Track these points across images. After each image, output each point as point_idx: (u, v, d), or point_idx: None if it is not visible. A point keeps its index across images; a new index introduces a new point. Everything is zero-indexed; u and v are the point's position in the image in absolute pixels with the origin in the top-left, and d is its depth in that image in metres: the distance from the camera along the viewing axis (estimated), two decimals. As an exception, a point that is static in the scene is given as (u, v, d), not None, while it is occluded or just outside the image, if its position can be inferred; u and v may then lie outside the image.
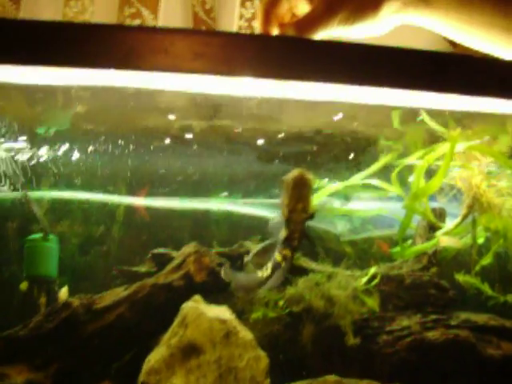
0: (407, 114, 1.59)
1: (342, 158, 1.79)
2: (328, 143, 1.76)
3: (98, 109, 1.51)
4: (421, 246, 1.69)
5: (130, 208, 1.81)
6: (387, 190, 1.72)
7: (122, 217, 1.81)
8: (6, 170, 1.65)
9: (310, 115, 1.62)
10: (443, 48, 1.66)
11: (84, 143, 1.67)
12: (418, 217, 1.77)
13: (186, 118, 1.60)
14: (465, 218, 1.67)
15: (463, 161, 1.62)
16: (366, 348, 1.47)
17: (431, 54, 0.93)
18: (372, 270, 1.58)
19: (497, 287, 1.61)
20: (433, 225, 1.72)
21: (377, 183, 1.70)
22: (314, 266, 1.60)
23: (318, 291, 1.51)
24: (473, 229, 1.64)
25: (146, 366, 1.27)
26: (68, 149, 1.69)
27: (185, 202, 1.82)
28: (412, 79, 0.93)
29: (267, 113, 1.60)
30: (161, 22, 2.24)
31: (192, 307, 1.30)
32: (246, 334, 1.30)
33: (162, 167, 1.79)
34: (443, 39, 1.19)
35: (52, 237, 1.64)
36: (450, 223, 1.74)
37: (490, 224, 1.59)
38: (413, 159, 1.65)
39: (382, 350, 1.46)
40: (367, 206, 1.86)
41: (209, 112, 1.54)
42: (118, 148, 1.67)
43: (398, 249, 1.73)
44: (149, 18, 2.24)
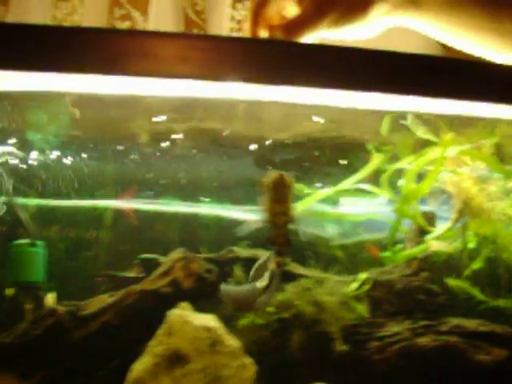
0: (398, 118, 1.59)
1: (331, 162, 1.78)
2: (318, 148, 1.75)
3: (83, 114, 1.49)
4: (411, 250, 1.68)
5: (117, 212, 1.80)
6: (377, 194, 1.71)
7: (109, 221, 1.79)
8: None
9: (300, 120, 1.61)
10: (436, 51, 1.66)
11: (70, 148, 1.65)
12: (409, 221, 1.76)
13: (172, 121, 1.58)
14: (455, 222, 1.66)
15: (453, 165, 1.61)
16: (355, 354, 1.46)
17: (421, 58, 0.92)
18: (362, 275, 1.57)
19: (487, 292, 1.61)
20: (423, 229, 1.71)
21: (367, 188, 1.69)
22: (303, 271, 1.59)
23: (308, 297, 1.50)
24: (463, 233, 1.63)
25: (130, 374, 1.25)
26: (54, 154, 1.67)
27: (173, 207, 1.80)
28: (402, 83, 0.92)
29: (256, 117, 1.59)
30: (151, 24, 2.23)
31: (178, 315, 1.28)
32: (233, 343, 1.29)
33: (149, 172, 1.77)
34: (436, 42, 1.19)
35: (39, 242, 1.62)
36: (441, 227, 1.73)
37: (479, 229, 1.59)
38: (403, 164, 1.64)
39: (372, 356, 1.45)
40: (358, 210, 1.85)
41: (196, 116, 1.53)
42: (105, 153, 1.66)
43: (388, 253, 1.72)
44: (139, 20, 2.23)
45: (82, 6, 2.21)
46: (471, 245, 1.66)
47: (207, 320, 1.30)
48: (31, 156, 1.67)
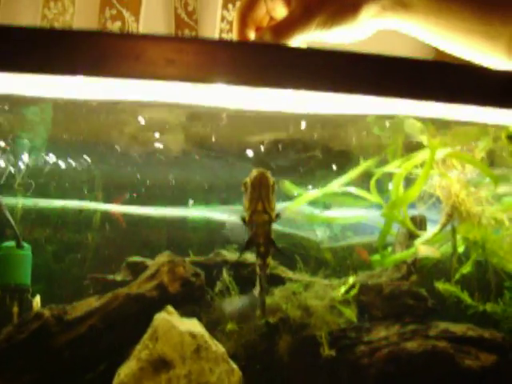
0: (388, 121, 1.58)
1: (321, 166, 1.77)
2: (306, 151, 1.75)
3: (69, 117, 1.48)
4: (400, 254, 1.67)
5: (106, 215, 1.79)
6: (366, 198, 1.71)
7: (97, 224, 1.78)
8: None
9: (288, 123, 1.60)
10: (428, 54, 1.66)
11: (57, 151, 1.65)
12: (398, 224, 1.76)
13: (161, 125, 1.58)
14: (444, 226, 1.66)
15: (442, 169, 1.61)
16: (343, 359, 1.45)
17: (411, 61, 0.92)
18: (351, 279, 1.56)
19: (476, 296, 1.60)
20: (412, 232, 1.71)
21: (355, 191, 1.69)
22: (291, 275, 1.58)
23: (296, 301, 1.49)
24: (452, 237, 1.63)
25: (116, 379, 1.24)
26: (41, 157, 1.66)
27: (161, 210, 1.79)
28: (391, 86, 0.91)
29: (244, 120, 1.58)
30: (142, 24, 2.22)
31: (163, 320, 1.27)
32: (218, 348, 1.28)
33: (137, 174, 1.77)
34: (428, 45, 1.18)
35: (25, 245, 1.61)
36: (430, 231, 1.73)
37: (468, 233, 1.58)
38: (392, 167, 1.63)
39: (360, 360, 1.44)
40: (347, 213, 1.84)
41: (185, 119, 1.53)
42: (93, 156, 1.65)
43: (377, 257, 1.72)
44: (130, 20, 2.22)
45: (73, 6, 2.20)
46: (460, 249, 1.66)
47: (192, 325, 1.29)
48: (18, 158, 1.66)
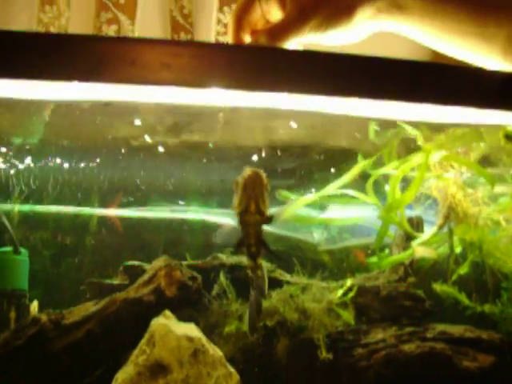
0: (383, 124, 1.58)
1: (319, 168, 1.78)
2: (305, 154, 1.75)
3: (65, 122, 1.48)
4: (397, 256, 1.67)
5: (102, 219, 1.79)
6: (363, 200, 1.70)
7: (94, 228, 1.78)
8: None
9: (286, 125, 1.60)
10: (425, 56, 1.66)
11: (54, 156, 1.64)
12: (395, 226, 1.76)
13: (156, 129, 1.58)
14: (441, 228, 1.66)
15: (439, 171, 1.61)
16: (340, 361, 1.45)
17: (407, 63, 0.92)
18: (348, 281, 1.56)
19: (474, 297, 1.60)
20: (409, 234, 1.71)
21: (352, 193, 1.68)
22: (288, 277, 1.58)
23: (293, 304, 1.49)
24: (449, 239, 1.63)
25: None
26: (38, 161, 1.66)
27: (158, 213, 1.79)
28: (388, 89, 0.91)
29: (242, 123, 1.58)
30: (138, 28, 2.22)
31: (160, 324, 1.27)
32: (216, 352, 1.28)
33: (134, 178, 1.76)
34: (424, 47, 1.18)
35: (22, 250, 1.61)
36: (427, 232, 1.73)
37: (465, 234, 1.58)
38: (388, 169, 1.63)
39: (357, 363, 1.44)
40: (344, 215, 1.84)
41: (181, 123, 1.52)
42: (89, 160, 1.65)
43: (374, 259, 1.72)
44: (126, 24, 2.22)
45: (69, 10, 2.20)
46: (457, 250, 1.66)
47: (190, 329, 1.29)
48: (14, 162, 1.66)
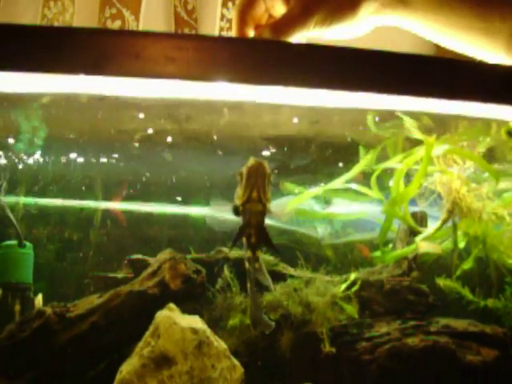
0: (387, 117, 1.58)
1: (321, 162, 1.77)
2: (308, 147, 1.75)
3: (69, 115, 1.49)
4: (401, 250, 1.67)
5: (106, 213, 1.79)
6: (367, 195, 1.71)
7: (98, 222, 1.79)
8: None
9: (290, 119, 1.60)
10: (428, 50, 1.66)
11: (58, 149, 1.65)
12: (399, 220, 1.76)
13: (160, 122, 1.58)
14: (444, 222, 1.66)
15: (443, 165, 1.61)
16: (344, 355, 1.46)
17: (412, 57, 0.92)
18: (352, 275, 1.57)
19: (477, 292, 1.61)
20: (413, 229, 1.71)
21: (356, 187, 1.69)
22: (292, 271, 1.59)
23: (297, 298, 1.49)
24: (453, 233, 1.63)
25: (118, 376, 1.25)
26: (43, 155, 1.66)
27: (162, 207, 1.80)
28: (393, 82, 0.92)
29: (246, 117, 1.58)
30: (142, 23, 2.22)
31: (165, 316, 1.28)
32: (220, 344, 1.28)
33: (138, 172, 1.77)
34: (428, 42, 1.18)
35: (27, 243, 1.61)
36: (431, 227, 1.73)
37: (469, 229, 1.58)
38: (392, 163, 1.63)
39: (361, 356, 1.44)
40: (348, 210, 1.84)
41: (184, 116, 1.53)
42: (93, 154, 1.65)
43: (378, 253, 1.72)
44: (130, 19, 2.22)
45: (73, 6, 2.20)
46: (461, 245, 1.66)
47: (194, 321, 1.29)
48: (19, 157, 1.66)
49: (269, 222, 1.25)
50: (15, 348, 1.40)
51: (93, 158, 1.69)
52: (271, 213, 1.19)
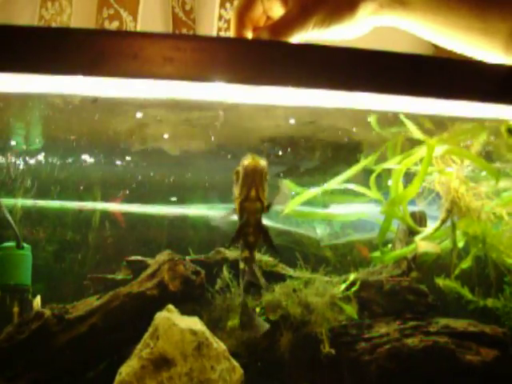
0: (386, 117, 1.58)
1: (320, 162, 1.77)
2: (307, 148, 1.75)
3: (67, 116, 1.48)
4: (400, 250, 1.67)
5: (105, 215, 1.79)
6: (366, 195, 1.70)
7: (97, 223, 1.79)
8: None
9: (288, 119, 1.60)
10: (426, 51, 1.65)
11: (57, 151, 1.65)
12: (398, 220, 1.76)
13: (159, 123, 1.57)
14: (444, 222, 1.66)
15: (441, 165, 1.61)
16: (344, 356, 1.45)
17: (409, 57, 0.92)
18: (351, 276, 1.56)
19: (476, 291, 1.61)
20: (412, 229, 1.70)
21: (355, 188, 1.68)
22: (291, 272, 1.59)
23: (296, 298, 1.49)
24: (452, 233, 1.63)
25: (117, 378, 1.24)
26: (41, 156, 1.66)
27: (161, 208, 1.79)
28: (390, 83, 0.91)
29: (244, 117, 1.58)
30: (140, 24, 2.21)
31: (164, 318, 1.27)
32: (219, 346, 1.28)
33: (137, 174, 1.76)
34: (426, 42, 1.18)
35: (25, 245, 1.61)
36: (430, 227, 1.73)
37: (468, 228, 1.58)
38: (391, 164, 1.63)
39: (360, 357, 1.44)
40: (347, 210, 1.84)
41: (183, 117, 1.52)
42: (91, 155, 1.65)
43: (377, 253, 1.72)
44: (127, 20, 2.22)
45: (70, 6, 2.19)
46: (460, 244, 1.66)
47: (193, 323, 1.29)
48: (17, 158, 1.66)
49: (269, 222, 1.24)
50: (14, 350, 1.40)
51: (91, 159, 1.69)
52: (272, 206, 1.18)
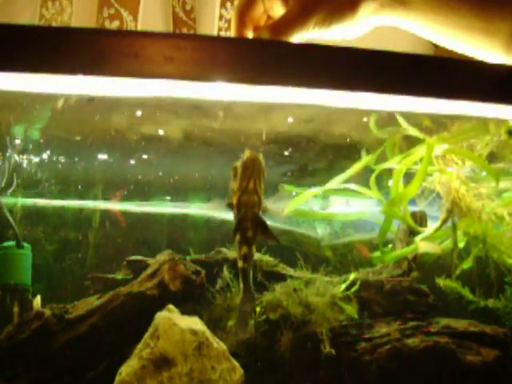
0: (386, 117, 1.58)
1: (320, 162, 1.77)
2: (308, 147, 1.75)
3: (68, 115, 1.48)
4: (401, 250, 1.67)
5: (105, 214, 1.79)
6: (366, 195, 1.70)
7: (97, 223, 1.78)
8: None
9: (288, 119, 1.60)
10: (427, 50, 1.65)
11: (57, 150, 1.64)
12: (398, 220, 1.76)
13: (160, 121, 1.57)
14: (444, 222, 1.65)
15: (442, 165, 1.61)
16: (344, 356, 1.45)
17: (409, 57, 0.92)
18: (351, 276, 1.56)
19: (477, 292, 1.60)
20: (413, 229, 1.70)
21: (355, 188, 1.68)
22: (292, 272, 1.58)
23: (296, 298, 1.49)
24: (453, 233, 1.62)
25: (117, 378, 1.24)
26: (41, 155, 1.66)
27: (162, 208, 1.79)
28: (390, 82, 0.91)
29: (246, 116, 1.58)
30: (140, 24, 2.21)
31: (164, 318, 1.27)
32: (219, 346, 1.28)
33: (137, 173, 1.76)
34: (427, 41, 1.18)
35: (25, 244, 1.61)
36: (430, 227, 1.73)
37: (469, 228, 1.58)
38: (392, 163, 1.63)
39: (361, 357, 1.44)
40: (348, 210, 1.84)
41: (186, 115, 1.52)
42: (92, 154, 1.65)
43: (377, 254, 1.72)
44: (128, 20, 2.22)
45: (71, 6, 2.19)
46: (461, 244, 1.66)
47: (193, 322, 1.29)
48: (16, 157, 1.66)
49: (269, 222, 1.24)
50: (14, 350, 1.39)
51: (91, 158, 1.69)
52: (268, 210, 1.18)
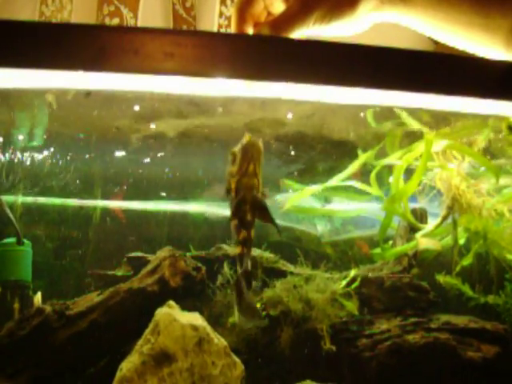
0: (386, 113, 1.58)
1: (320, 159, 1.77)
2: (307, 144, 1.75)
3: (68, 112, 1.48)
4: (401, 247, 1.67)
5: (105, 211, 1.79)
6: (367, 192, 1.70)
7: (97, 220, 1.79)
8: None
9: (288, 115, 1.60)
10: (427, 47, 1.65)
11: (57, 147, 1.64)
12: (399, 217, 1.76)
13: (160, 118, 1.57)
14: (445, 219, 1.65)
15: (442, 161, 1.60)
16: (344, 352, 1.45)
17: (409, 53, 0.92)
18: (352, 272, 1.56)
19: (478, 288, 1.61)
20: (413, 225, 1.70)
21: (356, 185, 1.68)
22: (292, 268, 1.59)
23: (297, 294, 1.49)
24: (453, 230, 1.63)
25: (118, 374, 1.24)
26: (41, 152, 1.66)
27: (162, 204, 1.79)
28: (390, 78, 0.91)
29: (245, 113, 1.58)
30: (140, 21, 2.21)
31: (165, 313, 1.27)
32: (220, 342, 1.28)
33: (137, 169, 1.76)
34: (427, 38, 1.18)
35: (26, 241, 1.61)
36: (432, 223, 1.73)
37: (469, 225, 1.58)
38: (392, 160, 1.63)
39: (361, 353, 1.44)
40: (348, 207, 1.84)
41: (184, 112, 1.52)
42: (92, 151, 1.65)
43: (378, 250, 1.72)
44: (128, 17, 2.22)
45: (71, 3, 2.19)
46: (461, 241, 1.66)
47: (194, 318, 1.29)
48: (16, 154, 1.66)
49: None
50: (14, 346, 1.40)
51: (92, 156, 1.69)
52: (267, 195, 1.16)
